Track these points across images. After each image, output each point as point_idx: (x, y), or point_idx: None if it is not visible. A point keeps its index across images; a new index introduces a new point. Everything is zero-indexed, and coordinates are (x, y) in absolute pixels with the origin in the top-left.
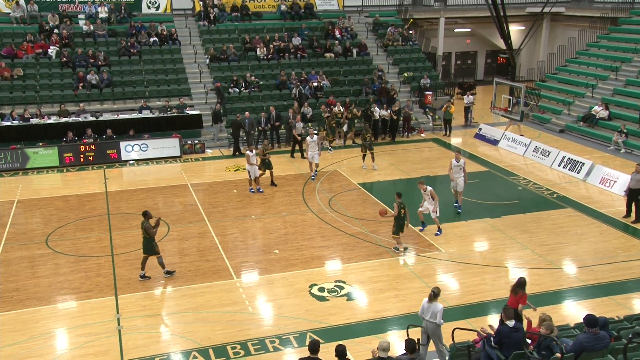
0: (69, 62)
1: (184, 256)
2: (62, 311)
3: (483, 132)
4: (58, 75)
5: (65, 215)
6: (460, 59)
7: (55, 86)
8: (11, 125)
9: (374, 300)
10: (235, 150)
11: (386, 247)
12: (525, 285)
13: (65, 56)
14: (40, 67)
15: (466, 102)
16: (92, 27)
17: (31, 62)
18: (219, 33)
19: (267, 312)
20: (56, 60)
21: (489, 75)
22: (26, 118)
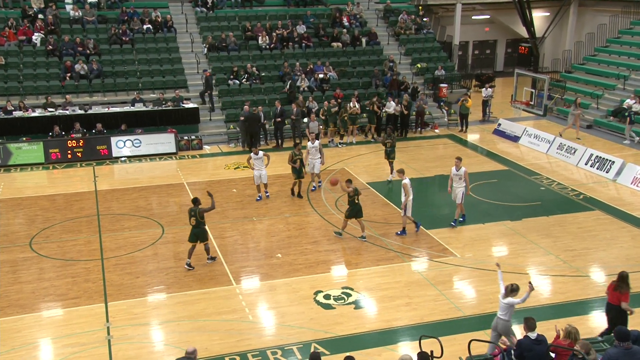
0: (55, 51)
1: (180, 260)
2: (47, 319)
3: (502, 128)
4: (43, 65)
5: (51, 216)
6: (478, 48)
7: (41, 76)
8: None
9: (384, 308)
10: (252, 146)
11: (397, 251)
12: (627, 280)
13: (51, 44)
14: (24, 55)
15: (484, 96)
16: (80, 13)
17: (14, 50)
18: (217, 20)
19: (269, 320)
20: (41, 48)
21: (509, 66)
22: (8, 111)
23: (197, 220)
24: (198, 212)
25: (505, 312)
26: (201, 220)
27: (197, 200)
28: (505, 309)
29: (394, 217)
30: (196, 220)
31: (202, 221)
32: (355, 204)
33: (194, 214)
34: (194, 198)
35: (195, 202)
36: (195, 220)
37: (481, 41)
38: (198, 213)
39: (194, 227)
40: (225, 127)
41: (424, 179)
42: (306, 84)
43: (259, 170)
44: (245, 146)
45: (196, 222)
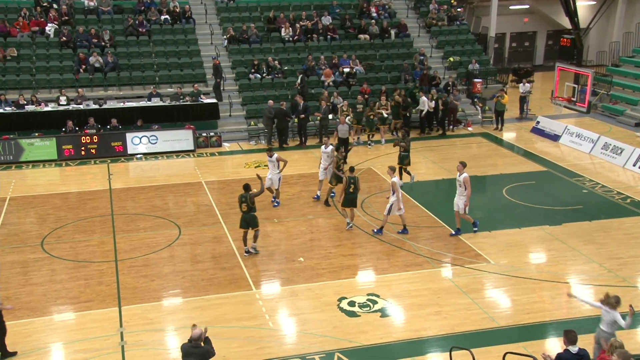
0: (69, 42)
1: (197, 263)
2: (58, 323)
3: (541, 126)
4: (57, 57)
5: (64, 215)
6: (516, 40)
7: (54, 69)
8: (3, 112)
9: (412, 317)
10: (282, 143)
11: (426, 256)
12: None
13: (65, 35)
14: (37, 47)
15: (522, 91)
16: (95, 3)
17: (26, 41)
18: (238, 11)
19: (290, 328)
20: (55, 39)
21: (549, 60)
22: (20, 105)
23: (249, 206)
24: (249, 197)
25: (609, 326)
26: (252, 206)
27: (248, 186)
28: (608, 324)
29: (423, 220)
30: (247, 206)
31: (253, 207)
32: (350, 193)
33: (244, 200)
34: (245, 184)
35: (246, 188)
36: (246, 206)
37: (519, 33)
38: (249, 199)
39: (245, 213)
40: (245, 124)
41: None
42: (331, 78)
43: (271, 174)
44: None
45: (247, 208)
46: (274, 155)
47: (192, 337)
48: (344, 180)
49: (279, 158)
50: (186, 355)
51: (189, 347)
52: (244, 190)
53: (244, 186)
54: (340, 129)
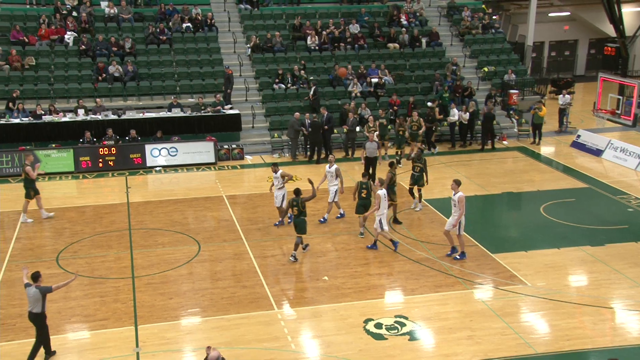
0: (89, 51)
1: (217, 281)
2: (72, 342)
3: (582, 140)
4: (75, 66)
5: (80, 230)
6: (556, 49)
7: (72, 78)
8: (20, 122)
9: (443, 341)
10: (313, 155)
11: (458, 277)
12: None
13: (85, 43)
14: (55, 55)
15: (561, 103)
16: (115, 10)
17: (45, 49)
18: (263, 18)
19: (313, 350)
20: (74, 48)
21: (592, 70)
22: (38, 115)
23: (299, 210)
24: (300, 201)
25: None
26: (302, 210)
27: (299, 191)
28: None
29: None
30: (298, 210)
31: (304, 211)
32: (363, 198)
33: (296, 204)
34: (296, 189)
35: (297, 192)
36: (297, 210)
37: (559, 41)
38: (300, 203)
39: (295, 217)
40: (269, 136)
41: (490, 196)
42: (358, 89)
43: (276, 191)
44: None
45: (298, 212)
46: (278, 171)
47: (208, 358)
48: (356, 185)
49: (284, 174)
50: None
51: None
52: (295, 195)
53: (295, 190)
54: (369, 147)
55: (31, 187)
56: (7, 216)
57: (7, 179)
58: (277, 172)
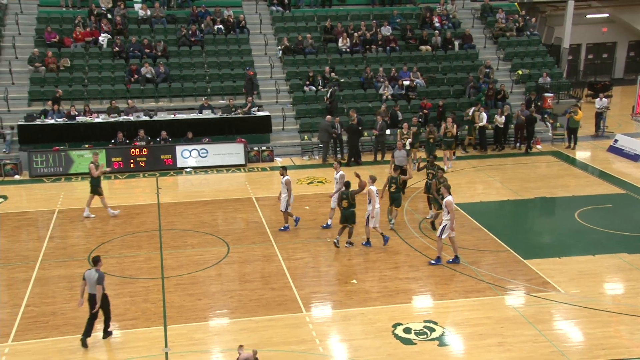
0: (122, 52)
1: (245, 283)
2: (103, 341)
3: (620, 145)
4: (109, 67)
5: (111, 230)
6: (593, 52)
7: (105, 80)
8: (55, 123)
9: (473, 347)
10: (352, 157)
11: (489, 282)
12: None
13: (118, 45)
14: (90, 57)
15: (598, 107)
16: (148, 12)
17: (79, 51)
18: (294, 20)
19: (341, 354)
20: (107, 49)
21: (631, 73)
22: (72, 116)
23: (349, 203)
24: (350, 194)
25: None
26: (352, 202)
27: (349, 184)
28: None
29: (485, 243)
30: (348, 202)
31: (353, 203)
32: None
33: (345, 196)
34: (347, 181)
35: (347, 185)
36: (347, 203)
37: (597, 44)
38: (350, 196)
39: (345, 209)
40: (299, 138)
41: (523, 201)
42: (390, 91)
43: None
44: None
45: (348, 204)
46: (286, 176)
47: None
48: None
49: (288, 181)
50: None
51: None
52: (345, 188)
53: (345, 183)
54: (397, 156)
55: (98, 185)
56: (41, 215)
57: (42, 178)
58: (284, 177)
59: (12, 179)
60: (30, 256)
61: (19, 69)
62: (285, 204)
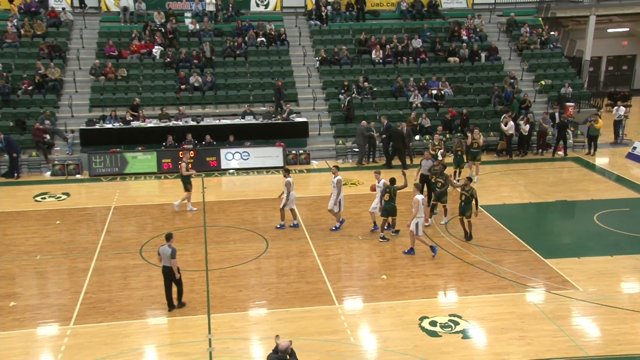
0: (173, 63)
1: (282, 276)
2: (152, 327)
3: (638, 152)
4: (161, 77)
5: (161, 225)
6: (613, 64)
7: (157, 88)
8: (112, 127)
9: (495, 340)
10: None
11: (511, 280)
12: None
13: (169, 56)
14: (144, 67)
15: (616, 116)
16: (197, 26)
17: (135, 62)
18: (331, 33)
19: (371, 344)
20: (160, 60)
21: None
22: (127, 121)
23: (390, 197)
24: (392, 189)
25: None
26: (394, 197)
27: (393, 180)
28: None
29: (508, 243)
30: (390, 196)
31: (394, 198)
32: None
33: (389, 190)
34: (392, 177)
35: (392, 181)
36: (389, 197)
37: (617, 56)
38: (392, 191)
39: (387, 202)
40: (334, 142)
41: (544, 204)
42: (419, 100)
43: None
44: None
45: (389, 198)
46: (289, 177)
47: (279, 348)
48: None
49: (287, 183)
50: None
51: (276, 358)
52: (390, 183)
53: (391, 180)
54: (424, 165)
55: (187, 182)
56: (99, 211)
57: (100, 177)
58: (287, 178)
59: (74, 178)
60: (89, 248)
61: (82, 78)
62: (284, 203)
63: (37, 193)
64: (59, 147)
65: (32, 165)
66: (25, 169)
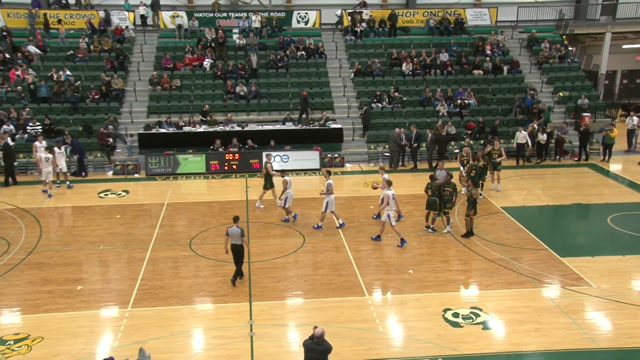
0: (221, 74)
1: (318, 269)
2: (200, 312)
3: None
4: (210, 87)
5: (208, 220)
6: (627, 77)
7: (207, 97)
8: (166, 132)
9: (512, 331)
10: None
11: (529, 276)
12: None
13: (218, 68)
14: (196, 78)
15: (629, 125)
16: (244, 41)
17: (188, 73)
18: (365, 48)
19: (398, 332)
20: (210, 72)
21: None
22: (180, 126)
23: (433, 192)
24: (433, 185)
25: None
26: (435, 192)
27: (433, 177)
28: None
29: (526, 242)
30: (432, 191)
31: (436, 193)
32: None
33: (430, 186)
34: (431, 175)
35: (432, 178)
36: (431, 192)
37: (631, 70)
38: (433, 187)
39: (429, 197)
40: (366, 147)
41: (560, 207)
42: (445, 109)
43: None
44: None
45: (431, 193)
46: (285, 176)
47: (314, 334)
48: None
49: (285, 182)
50: (309, 351)
51: (312, 344)
52: (430, 180)
53: (430, 176)
54: (439, 175)
55: (268, 181)
56: (154, 207)
57: (155, 177)
58: (284, 177)
59: (132, 177)
60: (145, 240)
61: (141, 88)
62: (284, 201)
63: (100, 190)
64: (120, 149)
65: (97, 165)
66: (91, 168)
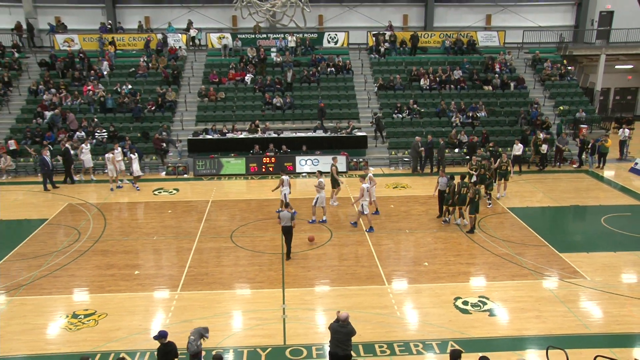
0: (260, 87)
1: (343, 260)
2: (239, 296)
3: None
4: (250, 98)
5: (247, 216)
6: (620, 94)
7: (248, 107)
8: (211, 138)
9: (515, 318)
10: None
11: (531, 269)
12: None
13: (258, 82)
14: (238, 91)
15: (621, 136)
16: (281, 58)
17: (231, 87)
18: (387, 65)
19: (413, 318)
20: (250, 86)
21: None
22: (223, 133)
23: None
24: (463, 184)
25: None
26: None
27: (464, 176)
28: None
29: (529, 239)
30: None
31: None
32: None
33: (464, 185)
34: (462, 174)
35: (462, 177)
36: (465, 189)
37: (623, 88)
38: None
39: (460, 195)
40: (388, 153)
41: (560, 208)
42: (460, 119)
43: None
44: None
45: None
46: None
47: (340, 318)
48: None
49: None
50: (335, 332)
51: (337, 327)
52: (461, 179)
53: (461, 176)
54: (441, 182)
55: (335, 181)
56: (200, 204)
57: (201, 177)
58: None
59: (182, 177)
60: (192, 232)
61: (191, 100)
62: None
63: (155, 188)
64: (172, 153)
65: (152, 167)
66: (147, 169)
